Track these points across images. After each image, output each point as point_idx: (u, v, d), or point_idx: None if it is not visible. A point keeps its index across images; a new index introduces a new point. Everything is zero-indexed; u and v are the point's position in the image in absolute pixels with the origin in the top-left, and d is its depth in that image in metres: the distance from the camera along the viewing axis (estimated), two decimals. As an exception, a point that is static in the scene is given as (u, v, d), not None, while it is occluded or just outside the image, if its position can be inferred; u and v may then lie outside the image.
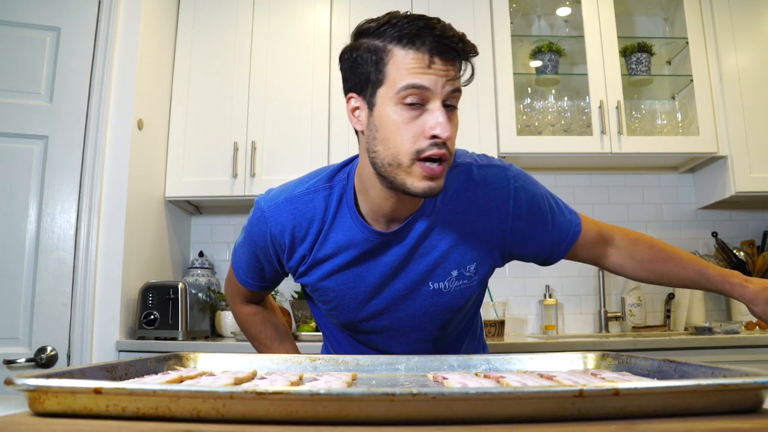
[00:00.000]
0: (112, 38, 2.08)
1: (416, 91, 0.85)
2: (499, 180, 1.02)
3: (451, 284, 1.04)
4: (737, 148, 2.34)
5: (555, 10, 2.66)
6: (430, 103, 0.86)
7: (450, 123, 0.87)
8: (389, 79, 0.87)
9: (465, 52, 0.87)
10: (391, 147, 0.87)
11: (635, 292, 2.46)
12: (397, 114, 0.86)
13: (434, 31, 0.84)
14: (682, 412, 0.47)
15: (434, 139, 0.85)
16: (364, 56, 0.89)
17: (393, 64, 0.86)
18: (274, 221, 1.03)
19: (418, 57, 0.85)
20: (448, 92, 0.86)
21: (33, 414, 0.48)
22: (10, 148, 1.92)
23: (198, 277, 2.47)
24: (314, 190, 1.02)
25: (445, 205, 1.01)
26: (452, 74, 0.86)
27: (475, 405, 0.45)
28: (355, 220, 1.00)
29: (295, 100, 2.38)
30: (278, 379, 0.67)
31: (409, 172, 0.87)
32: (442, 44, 0.84)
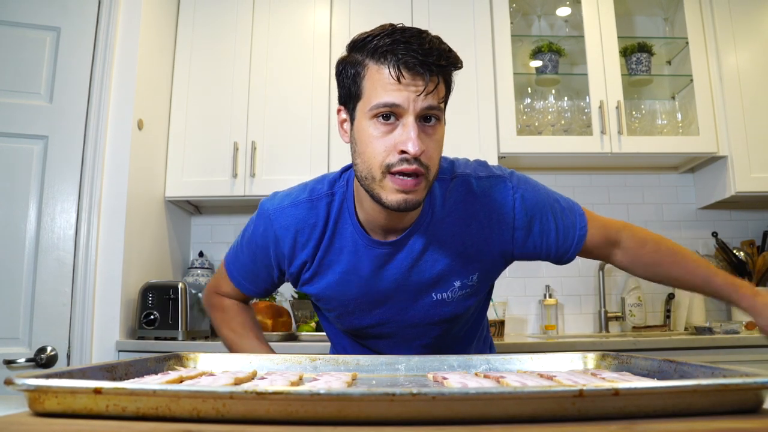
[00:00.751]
0: (112, 38, 2.08)
1: (387, 108, 0.85)
2: (500, 192, 1.01)
3: (454, 294, 1.05)
4: (737, 148, 2.34)
5: (555, 10, 2.66)
6: (403, 118, 0.85)
7: (426, 137, 0.86)
8: (365, 95, 0.88)
9: (441, 67, 0.86)
10: (366, 160, 0.88)
11: (635, 292, 2.46)
12: (372, 128, 0.87)
13: (408, 46, 0.84)
14: (682, 412, 0.47)
15: (403, 155, 0.85)
16: (348, 70, 0.91)
17: (368, 79, 0.87)
18: (279, 225, 1.04)
19: (390, 73, 0.84)
20: (422, 107, 0.85)
21: (33, 414, 0.48)
22: (10, 148, 1.92)
23: (198, 277, 2.47)
24: (317, 197, 1.03)
25: (444, 217, 1.01)
26: (424, 90, 0.84)
27: (475, 405, 0.45)
28: (355, 229, 1.01)
29: (295, 100, 2.38)
30: (278, 379, 0.67)
31: (382, 185, 0.87)
32: (412, 60, 0.83)
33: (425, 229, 1.01)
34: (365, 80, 0.88)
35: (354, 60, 0.90)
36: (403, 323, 1.07)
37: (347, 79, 0.91)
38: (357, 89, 0.89)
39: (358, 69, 0.89)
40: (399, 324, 1.08)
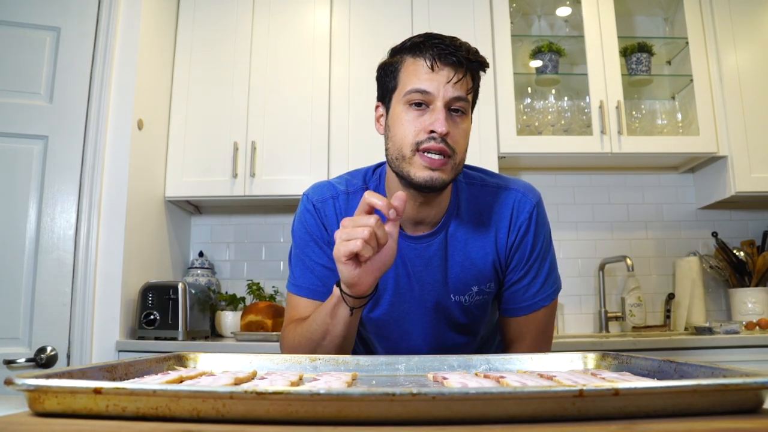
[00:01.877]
0: (112, 38, 2.08)
1: (419, 94, 0.95)
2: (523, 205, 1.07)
3: (471, 299, 1.08)
4: (737, 148, 2.34)
5: (555, 10, 2.66)
6: (432, 104, 0.95)
7: (453, 124, 0.95)
8: (400, 84, 0.99)
9: (467, 60, 0.96)
10: (397, 141, 0.97)
11: (635, 292, 2.46)
12: (405, 113, 0.97)
13: (441, 41, 0.96)
14: (682, 412, 0.47)
15: (432, 134, 0.94)
16: (387, 68, 1.02)
17: (404, 70, 0.99)
18: (325, 214, 1.09)
19: (423, 63, 0.96)
20: (451, 97, 0.95)
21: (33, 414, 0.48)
22: (10, 148, 1.92)
23: (198, 277, 2.47)
24: (354, 190, 1.09)
25: (469, 220, 1.06)
26: (454, 79, 0.95)
27: (475, 405, 0.45)
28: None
29: (295, 100, 2.38)
30: (278, 379, 0.67)
31: (412, 162, 0.96)
32: (443, 51, 0.95)
33: (451, 228, 1.06)
34: (401, 72, 0.99)
35: (393, 60, 1.02)
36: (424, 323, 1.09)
37: (386, 77, 1.02)
38: (394, 82, 1.00)
39: (396, 65, 1.00)
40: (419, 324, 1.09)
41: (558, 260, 1.18)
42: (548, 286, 1.10)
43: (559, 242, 2.59)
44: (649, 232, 2.65)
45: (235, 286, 2.59)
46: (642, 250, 2.62)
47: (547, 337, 1.13)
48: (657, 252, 2.63)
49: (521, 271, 1.07)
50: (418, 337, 1.10)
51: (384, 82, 1.03)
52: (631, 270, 2.34)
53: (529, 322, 1.10)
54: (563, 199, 2.66)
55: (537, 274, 1.08)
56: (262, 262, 2.64)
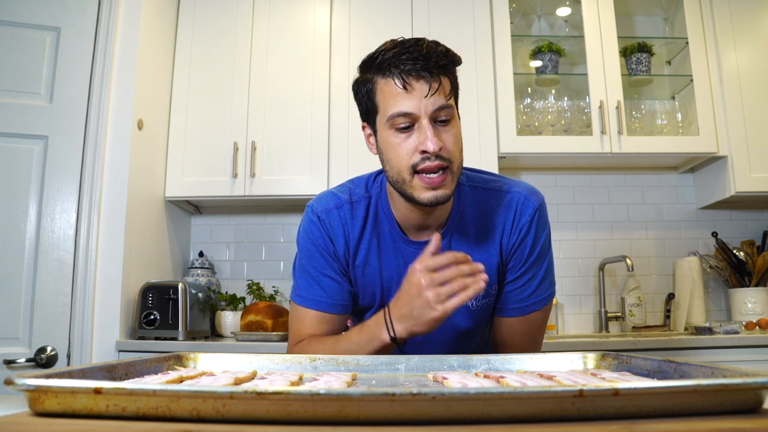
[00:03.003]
0: (112, 38, 2.08)
1: (401, 118, 0.93)
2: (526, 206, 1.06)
3: (478, 302, 1.08)
4: (737, 148, 2.34)
5: (555, 10, 2.66)
6: (418, 122, 0.94)
7: (443, 134, 0.94)
8: (381, 108, 0.97)
9: (440, 67, 0.93)
10: (393, 166, 0.97)
11: (635, 292, 2.46)
12: (393, 137, 0.96)
13: (409, 55, 0.92)
14: (682, 412, 0.47)
15: (425, 154, 0.93)
16: (361, 89, 1.00)
17: (379, 93, 0.96)
18: (329, 225, 1.09)
19: (396, 83, 0.93)
20: (434, 110, 0.93)
21: (33, 414, 0.48)
22: (10, 148, 1.92)
23: (198, 277, 2.47)
24: (357, 199, 1.09)
25: (473, 223, 1.07)
26: (430, 91, 0.92)
27: (475, 405, 0.45)
28: (392, 227, 1.07)
29: (295, 100, 2.38)
30: (278, 379, 0.67)
31: (413, 185, 0.95)
32: (413, 67, 0.92)
33: (455, 232, 1.07)
34: (377, 95, 0.97)
35: (365, 79, 0.99)
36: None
37: (363, 97, 1.00)
38: (373, 105, 0.98)
39: (369, 86, 0.98)
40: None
41: (558, 260, 1.17)
42: (543, 290, 1.09)
43: (559, 242, 2.60)
44: (649, 232, 2.65)
45: (235, 286, 2.59)
46: (642, 250, 2.62)
47: (536, 343, 1.11)
48: (657, 252, 2.63)
49: (517, 272, 1.07)
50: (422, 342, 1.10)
51: (363, 104, 1.01)
52: (631, 270, 2.34)
53: (520, 325, 1.09)
54: (563, 199, 2.66)
55: (533, 276, 1.08)
56: (262, 262, 2.64)
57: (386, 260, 1.07)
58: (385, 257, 1.07)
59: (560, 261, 2.58)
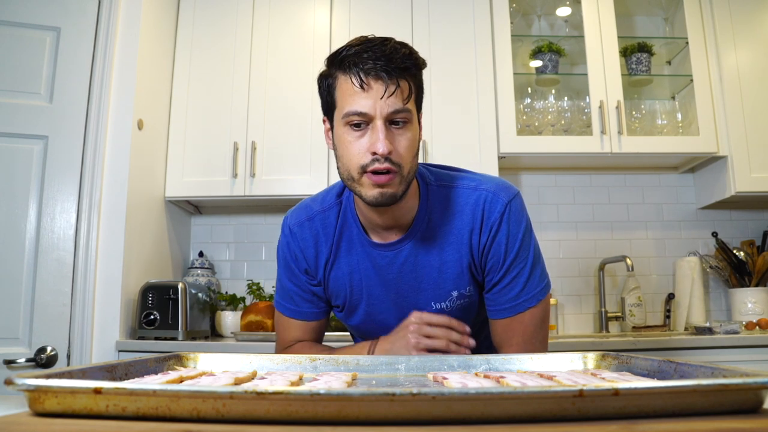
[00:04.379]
0: (112, 38, 2.08)
1: (355, 116, 0.93)
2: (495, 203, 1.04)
3: (453, 304, 1.07)
4: (737, 148, 2.34)
5: (555, 10, 2.66)
6: (372, 122, 0.93)
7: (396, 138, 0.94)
8: (338, 104, 0.97)
9: (401, 70, 0.92)
10: (345, 163, 0.97)
11: (635, 292, 2.46)
12: (347, 134, 0.95)
13: (370, 54, 0.91)
14: (682, 412, 0.47)
15: (374, 155, 0.92)
16: (323, 83, 1.00)
17: (339, 89, 0.96)
18: (301, 238, 1.11)
19: (353, 81, 0.93)
20: (389, 112, 0.92)
21: (33, 414, 0.48)
22: (10, 148, 1.92)
23: (198, 277, 2.47)
24: (328, 206, 1.11)
25: (442, 225, 1.06)
26: (387, 93, 0.91)
27: (475, 405, 0.45)
28: (359, 231, 1.08)
29: (295, 100, 2.38)
30: (278, 379, 0.67)
31: (361, 183, 0.95)
32: (372, 67, 0.91)
33: (423, 234, 1.05)
34: (336, 90, 0.97)
35: (328, 73, 0.99)
36: None
37: (324, 92, 1.00)
38: (332, 100, 0.98)
39: (330, 81, 0.98)
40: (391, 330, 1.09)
41: (558, 260, 1.16)
42: (532, 286, 1.04)
43: (559, 242, 2.60)
44: (649, 232, 2.65)
45: (235, 286, 2.59)
46: (642, 250, 2.62)
47: (538, 342, 1.07)
48: (657, 252, 2.63)
49: (500, 273, 1.04)
50: None
51: (324, 98, 1.01)
52: (631, 270, 2.34)
53: (515, 325, 1.05)
54: (563, 199, 2.66)
55: (518, 273, 1.04)
56: (262, 262, 2.64)
57: (356, 264, 1.09)
58: (354, 261, 1.09)
59: (560, 261, 2.58)
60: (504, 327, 1.06)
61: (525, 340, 1.05)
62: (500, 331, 1.07)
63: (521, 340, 1.05)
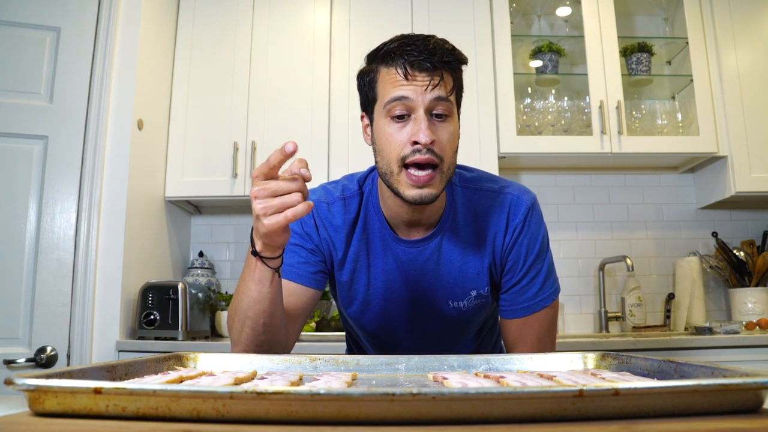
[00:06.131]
0: (112, 38, 2.08)
1: (399, 103, 0.93)
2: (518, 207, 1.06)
3: (470, 303, 1.08)
4: (737, 148, 2.34)
5: (555, 10, 2.66)
6: (414, 112, 0.93)
7: (438, 130, 0.93)
8: (379, 96, 0.96)
9: (444, 63, 0.93)
10: (384, 156, 0.96)
11: (635, 292, 2.46)
12: (388, 126, 0.95)
13: (413, 47, 0.92)
14: (682, 412, 0.47)
15: (416, 145, 0.92)
16: (364, 78, 1.00)
17: (380, 81, 0.96)
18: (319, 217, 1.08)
19: (397, 72, 0.93)
20: (431, 101, 0.92)
21: (33, 414, 0.48)
22: (10, 148, 1.92)
23: (198, 277, 2.47)
24: (350, 195, 1.08)
25: (466, 225, 1.06)
26: (430, 83, 0.92)
27: (475, 405, 0.45)
28: (382, 225, 1.06)
29: (295, 100, 2.38)
30: (278, 379, 0.67)
31: (399, 180, 0.95)
32: (417, 58, 0.92)
33: (447, 232, 1.06)
34: (378, 83, 0.97)
35: (369, 69, 0.99)
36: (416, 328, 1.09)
37: (365, 87, 1.00)
38: (373, 93, 0.98)
39: (371, 75, 0.98)
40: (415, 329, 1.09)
41: (558, 260, 1.18)
42: (548, 286, 1.08)
43: (559, 242, 2.60)
44: (649, 232, 2.65)
45: (235, 286, 2.59)
46: (642, 250, 2.62)
47: (550, 341, 1.11)
48: (657, 252, 2.63)
49: (520, 273, 1.06)
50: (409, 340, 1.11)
51: (364, 93, 1.01)
52: (631, 270, 2.34)
53: (530, 324, 1.08)
54: (563, 199, 2.66)
55: (537, 273, 1.07)
56: (262, 262, 2.64)
57: (374, 257, 1.07)
58: (372, 255, 1.07)
59: (560, 261, 2.58)
60: (519, 326, 1.08)
61: (539, 338, 1.09)
62: (515, 330, 1.09)
63: (535, 339, 1.08)
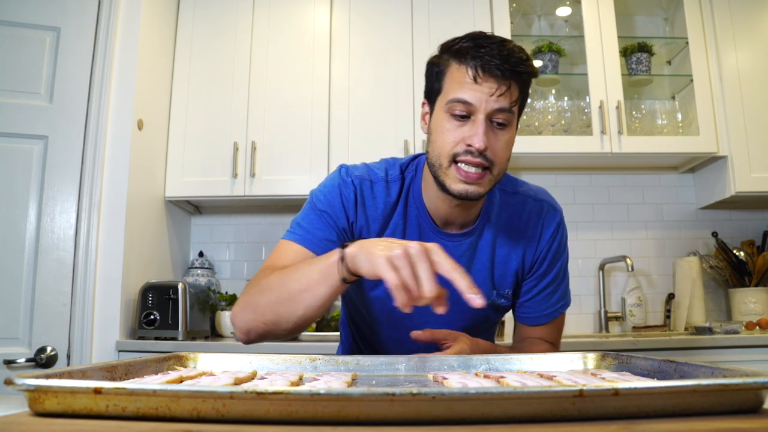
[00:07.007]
0: (112, 38, 2.08)
1: (461, 104, 0.93)
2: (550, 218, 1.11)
3: (492, 304, 1.11)
4: (737, 148, 2.34)
5: (555, 10, 2.66)
6: (474, 115, 0.94)
7: (494, 137, 0.94)
8: (444, 90, 0.97)
9: (515, 73, 0.93)
10: (437, 148, 0.97)
11: (635, 292, 2.46)
12: (446, 121, 0.96)
13: (488, 50, 0.92)
14: (682, 412, 0.47)
15: (470, 148, 0.93)
16: (433, 68, 1.00)
17: (449, 76, 0.96)
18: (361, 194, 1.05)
19: (467, 73, 0.93)
20: (493, 109, 0.93)
21: (33, 414, 0.48)
22: (10, 148, 1.92)
23: (198, 277, 2.47)
24: (392, 179, 1.07)
25: (499, 228, 1.08)
26: (497, 92, 0.92)
27: (475, 405, 0.45)
28: (420, 213, 1.06)
29: (295, 100, 2.38)
30: (278, 379, 0.67)
31: (448, 173, 0.96)
32: (489, 63, 0.91)
33: (484, 231, 1.08)
34: (446, 77, 0.97)
35: (439, 59, 0.99)
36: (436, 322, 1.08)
37: (432, 76, 1.00)
38: (439, 85, 0.98)
39: (441, 67, 0.98)
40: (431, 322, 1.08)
41: (557, 260, 1.21)
42: (566, 291, 1.15)
43: (559, 242, 2.60)
44: (649, 232, 2.65)
45: (235, 286, 2.59)
46: (642, 250, 2.62)
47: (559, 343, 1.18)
48: (657, 252, 2.63)
49: (547, 279, 1.10)
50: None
51: (430, 82, 1.01)
52: (631, 270, 2.34)
53: (550, 330, 1.14)
54: (563, 199, 2.64)
55: (561, 280, 1.13)
56: (262, 262, 2.63)
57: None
58: (408, 238, 1.05)
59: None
60: (540, 332, 1.13)
61: (553, 341, 1.15)
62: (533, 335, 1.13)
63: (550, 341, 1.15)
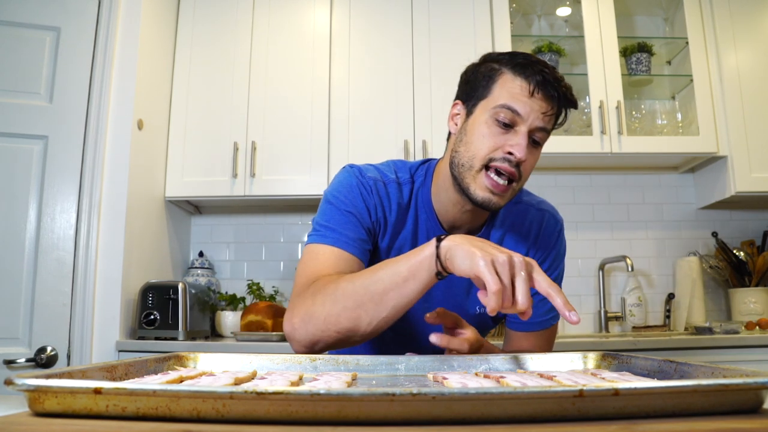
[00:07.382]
0: (112, 38, 2.08)
1: (509, 113, 0.94)
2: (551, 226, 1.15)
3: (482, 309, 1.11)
4: (737, 148, 2.34)
5: (555, 10, 2.66)
6: (518, 126, 0.95)
7: (529, 151, 0.95)
8: (492, 96, 0.97)
9: (564, 98, 0.96)
10: (471, 149, 0.97)
11: (635, 292, 2.46)
12: (488, 126, 0.96)
13: (545, 70, 0.95)
14: (682, 412, 0.47)
15: (509, 155, 0.94)
16: (481, 72, 1.01)
17: (501, 83, 0.97)
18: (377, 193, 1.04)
19: (523, 85, 0.95)
20: (536, 126, 0.95)
21: (33, 414, 0.48)
22: (10, 148, 1.92)
23: (198, 277, 2.47)
24: (403, 181, 1.08)
25: (501, 236, 1.10)
26: (546, 111, 0.95)
27: (475, 405, 0.45)
28: (429, 217, 1.07)
29: (295, 100, 2.38)
30: (278, 379, 0.66)
31: (476, 178, 0.96)
32: (546, 81, 0.94)
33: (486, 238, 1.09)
34: (497, 84, 0.97)
35: (490, 67, 1.00)
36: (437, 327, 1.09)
37: (479, 78, 1.00)
38: (485, 90, 0.99)
39: (492, 74, 0.98)
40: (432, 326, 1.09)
41: (557, 260, 1.22)
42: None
43: (559, 242, 2.60)
44: (649, 232, 2.65)
45: (235, 286, 2.59)
46: (642, 250, 2.62)
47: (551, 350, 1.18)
48: (657, 252, 2.63)
49: None
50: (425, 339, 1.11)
51: (473, 85, 1.01)
52: (631, 270, 2.34)
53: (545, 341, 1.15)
54: (563, 199, 2.66)
55: None
56: (262, 262, 2.64)
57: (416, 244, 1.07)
58: (416, 241, 1.08)
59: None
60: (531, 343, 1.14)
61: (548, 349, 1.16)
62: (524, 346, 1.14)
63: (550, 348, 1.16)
